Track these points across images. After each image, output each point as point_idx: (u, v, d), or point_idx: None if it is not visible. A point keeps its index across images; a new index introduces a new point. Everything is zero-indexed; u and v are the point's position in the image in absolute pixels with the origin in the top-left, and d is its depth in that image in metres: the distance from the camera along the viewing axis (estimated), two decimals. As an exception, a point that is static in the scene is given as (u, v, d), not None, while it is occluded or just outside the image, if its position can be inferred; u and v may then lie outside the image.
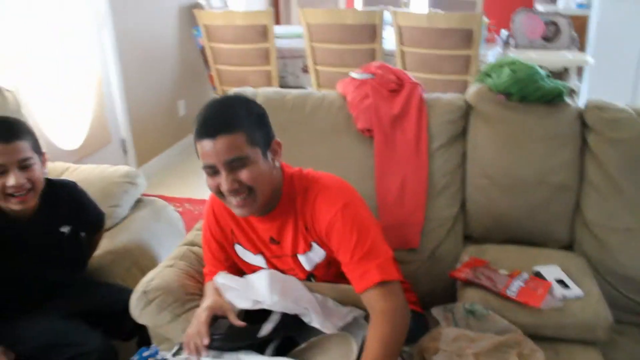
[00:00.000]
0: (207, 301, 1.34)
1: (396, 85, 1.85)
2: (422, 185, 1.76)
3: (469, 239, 1.81)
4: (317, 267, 1.36)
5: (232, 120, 1.20)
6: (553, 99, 1.70)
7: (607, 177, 1.65)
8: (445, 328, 1.31)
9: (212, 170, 1.22)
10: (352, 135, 1.82)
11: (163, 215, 2.30)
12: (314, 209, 1.29)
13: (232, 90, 1.96)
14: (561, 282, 1.43)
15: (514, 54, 3.87)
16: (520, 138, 1.71)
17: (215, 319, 1.28)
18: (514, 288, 1.39)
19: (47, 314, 1.62)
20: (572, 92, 1.75)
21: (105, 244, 2.02)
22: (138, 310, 1.44)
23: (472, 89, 1.84)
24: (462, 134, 1.80)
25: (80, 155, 3.21)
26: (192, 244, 1.73)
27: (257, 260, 1.42)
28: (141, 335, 1.73)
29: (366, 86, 1.86)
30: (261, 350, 1.20)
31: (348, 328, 1.28)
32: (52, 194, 1.66)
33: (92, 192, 1.92)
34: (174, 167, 4.09)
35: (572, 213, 1.72)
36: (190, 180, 3.88)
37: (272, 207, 1.32)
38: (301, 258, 1.36)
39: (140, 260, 2.08)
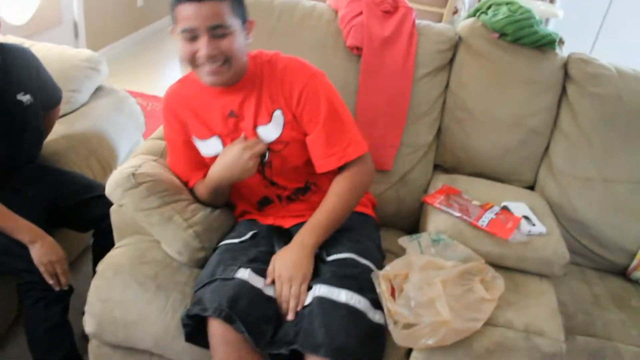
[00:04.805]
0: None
1: (391, 7, 1.81)
2: (403, 109, 1.76)
3: (438, 167, 1.86)
4: (275, 142, 1.37)
5: None
6: (544, 45, 1.71)
7: (579, 128, 1.72)
8: (413, 256, 1.35)
9: (191, 35, 1.21)
10: (339, 51, 1.78)
11: (125, 106, 2.21)
12: (285, 75, 1.33)
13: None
14: (527, 218, 1.50)
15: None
16: (505, 78, 1.73)
17: None
18: (486, 219, 1.45)
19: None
20: (561, 42, 1.77)
21: (62, 129, 1.92)
22: (120, 190, 1.36)
23: (466, 22, 1.82)
24: (447, 65, 1.80)
25: (27, 33, 2.96)
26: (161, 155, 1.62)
27: (211, 144, 1.40)
28: (100, 226, 1.68)
29: (360, 3, 1.80)
30: None
31: None
32: (4, 58, 1.52)
33: (51, 74, 1.79)
34: (127, 59, 3.87)
35: (540, 157, 1.79)
36: (143, 74, 3.71)
37: (237, 80, 1.33)
38: (260, 130, 1.36)
39: (99, 150, 2.00)
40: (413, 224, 1.77)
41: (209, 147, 1.41)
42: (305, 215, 1.41)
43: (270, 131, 1.36)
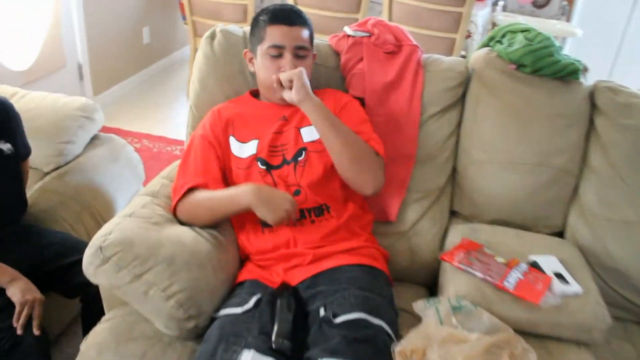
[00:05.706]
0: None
1: (394, 47, 1.67)
2: (410, 156, 1.62)
3: (456, 214, 1.70)
4: (316, 141, 1.45)
5: (306, 18, 1.49)
6: (567, 76, 1.56)
7: (611, 164, 1.55)
8: (431, 327, 1.19)
9: (277, 52, 1.43)
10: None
11: (122, 155, 2.09)
12: (335, 92, 1.57)
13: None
14: (559, 275, 1.33)
15: (501, 16, 3.73)
16: (526, 113, 1.57)
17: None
18: (512, 280, 1.28)
19: None
20: (585, 70, 1.61)
21: (53, 184, 1.82)
22: (92, 268, 1.24)
23: (479, 53, 1.68)
24: (458, 101, 1.65)
25: (30, 78, 2.91)
26: (155, 195, 1.50)
27: (248, 147, 1.46)
28: (86, 292, 1.55)
29: (361, 47, 1.67)
30: None
31: None
32: None
33: (43, 125, 1.71)
34: (133, 99, 3.80)
35: (569, 199, 1.62)
36: (151, 114, 3.62)
37: None
38: (303, 130, 1.47)
39: (93, 205, 1.88)
40: (429, 278, 1.59)
41: (242, 149, 1.47)
42: (309, 255, 1.35)
43: (313, 131, 1.45)
